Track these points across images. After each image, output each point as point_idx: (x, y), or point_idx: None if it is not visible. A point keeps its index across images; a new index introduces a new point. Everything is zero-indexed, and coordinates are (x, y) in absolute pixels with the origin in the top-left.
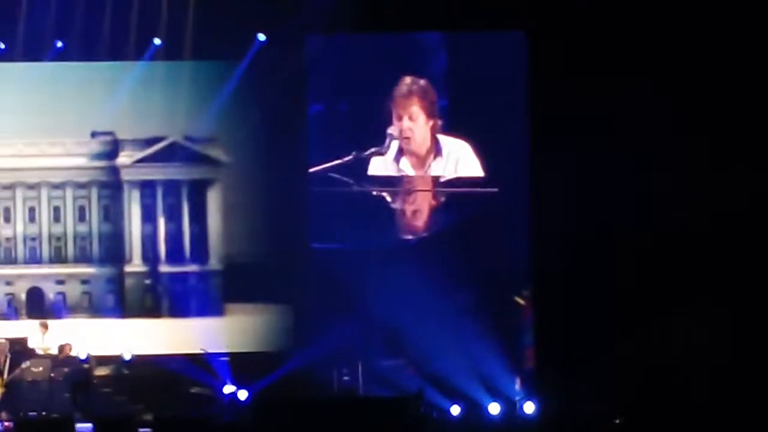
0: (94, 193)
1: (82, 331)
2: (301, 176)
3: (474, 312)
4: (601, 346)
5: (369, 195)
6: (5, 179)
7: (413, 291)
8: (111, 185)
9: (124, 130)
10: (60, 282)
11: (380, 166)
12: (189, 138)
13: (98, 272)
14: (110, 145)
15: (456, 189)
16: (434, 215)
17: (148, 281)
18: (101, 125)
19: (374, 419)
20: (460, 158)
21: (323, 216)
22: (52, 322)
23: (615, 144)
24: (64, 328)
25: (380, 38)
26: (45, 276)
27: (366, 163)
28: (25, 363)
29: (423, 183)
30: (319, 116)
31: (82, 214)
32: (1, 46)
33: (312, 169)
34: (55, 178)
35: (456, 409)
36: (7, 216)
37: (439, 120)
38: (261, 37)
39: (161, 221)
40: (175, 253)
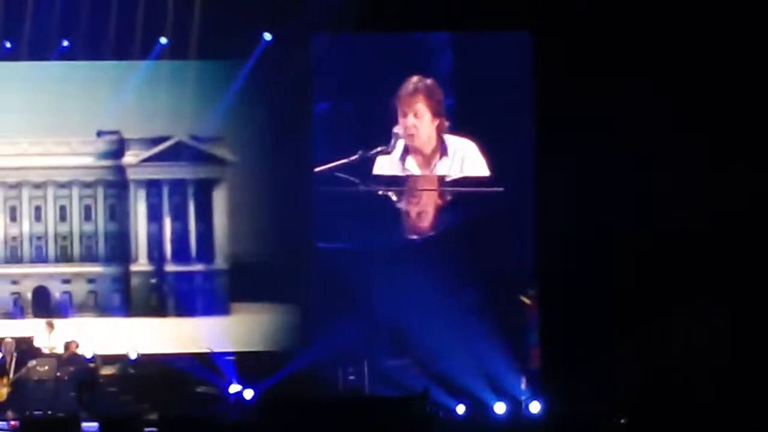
0: (100, 193)
1: (88, 330)
2: (307, 176)
3: (480, 311)
4: (607, 345)
5: (375, 194)
6: (11, 178)
7: (419, 290)
8: (117, 184)
9: (130, 130)
10: (66, 281)
11: (386, 165)
12: (195, 137)
13: (104, 271)
14: (116, 145)
15: (462, 188)
16: (440, 215)
17: (154, 280)
18: (107, 124)
19: (380, 419)
20: (465, 158)
21: (329, 215)
22: (58, 321)
23: (620, 144)
24: (70, 327)
25: (386, 38)
26: (51, 275)
27: (372, 162)
28: (31, 362)
29: (429, 182)
30: (324, 116)
31: (88, 213)
32: (8, 45)
33: (318, 168)
34: (61, 177)
35: (461, 409)
36: (13, 215)
37: (446, 121)
38: (267, 37)
39: (167, 220)
40: (181, 253)
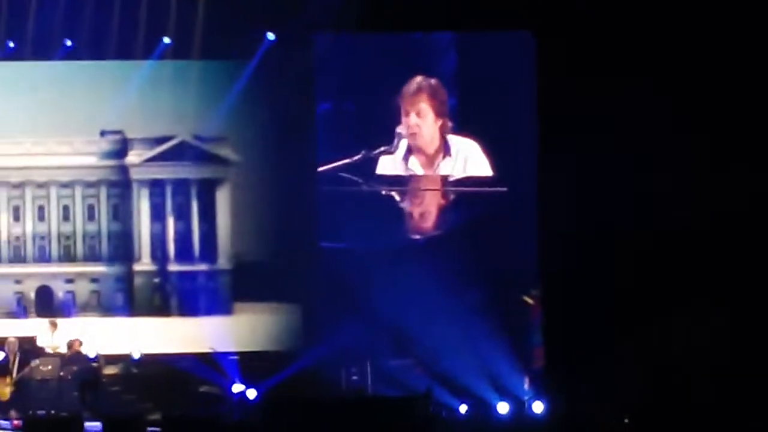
0: (103, 192)
1: (91, 330)
2: (310, 175)
3: (483, 311)
4: (610, 346)
5: (378, 194)
6: (14, 178)
7: (422, 290)
8: (120, 184)
9: (133, 129)
10: (69, 281)
11: (389, 165)
12: (198, 137)
13: (107, 271)
14: (119, 144)
15: (465, 188)
16: (443, 215)
17: (157, 280)
18: (110, 124)
19: (383, 419)
20: (468, 158)
21: (332, 215)
22: (61, 321)
23: (622, 144)
24: (73, 326)
25: (388, 38)
26: (54, 275)
27: (375, 162)
28: (35, 361)
29: (432, 182)
30: (327, 116)
31: (91, 213)
32: (11, 44)
33: (321, 168)
34: (65, 177)
35: (464, 409)
36: (16, 215)
37: (449, 122)
38: (270, 37)
39: (170, 220)
40: (184, 252)
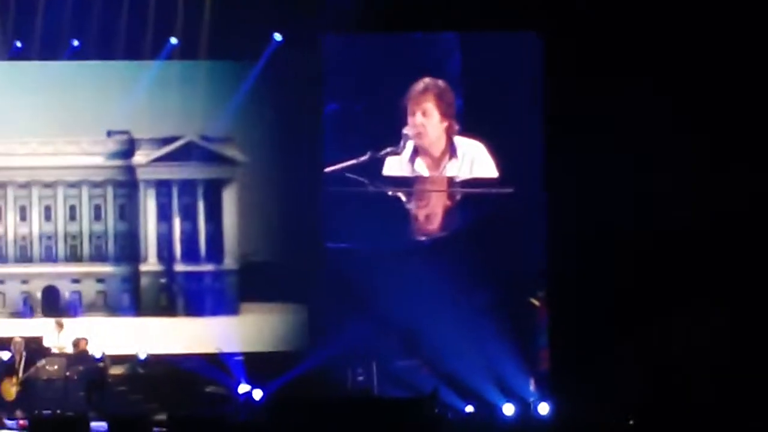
0: (110, 192)
1: (97, 330)
2: (317, 176)
3: (489, 313)
4: (616, 347)
5: (384, 195)
6: (21, 178)
7: (428, 291)
8: (127, 184)
9: (140, 129)
10: (75, 281)
11: (395, 166)
12: (205, 137)
13: (114, 271)
14: (126, 144)
15: (471, 189)
16: (449, 216)
17: (164, 280)
18: (117, 124)
19: (389, 419)
20: (475, 159)
21: (338, 216)
22: (67, 321)
23: (630, 144)
24: (80, 326)
25: (396, 38)
26: (61, 275)
27: (381, 163)
28: (41, 361)
29: (438, 183)
30: (334, 116)
31: (98, 213)
32: (18, 44)
33: (327, 168)
34: (71, 177)
35: (470, 410)
36: (23, 214)
37: (456, 124)
38: (277, 37)
39: (177, 220)
40: (191, 252)
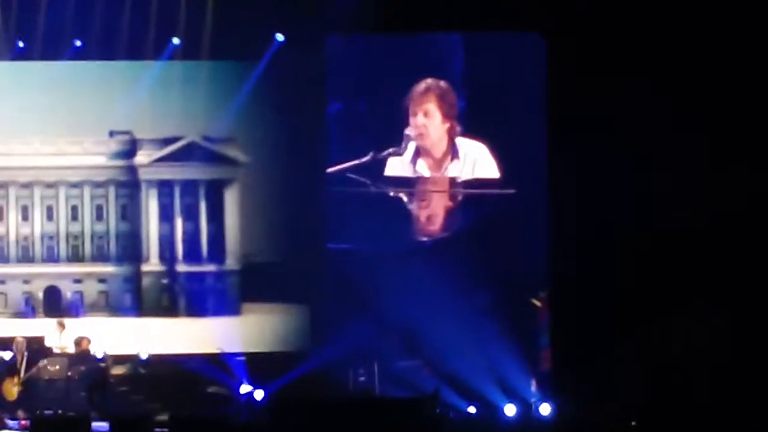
0: (112, 192)
1: (99, 330)
2: (319, 176)
3: (490, 313)
4: (618, 348)
5: (386, 196)
6: (23, 178)
7: (430, 292)
8: (129, 184)
9: (142, 130)
10: (77, 281)
11: (397, 166)
12: (207, 138)
13: (115, 271)
14: (128, 145)
15: (473, 190)
16: (451, 216)
17: (166, 280)
18: (119, 124)
19: (390, 420)
20: (477, 161)
21: (340, 216)
22: (69, 321)
23: (633, 145)
24: (81, 326)
25: (399, 39)
26: (62, 275)
27: (383, 163)
28: (42, 361)
29: (440, 184)
30: (337, 117)
31: (99, 213)
32: (20, 44)
33: (329, 169)
34: (73, 177)
35: (472, 410)
36: (25, 214)
37: (458, 125)
38: (280, 38)
39: (179, 221)
40: (193, 253)
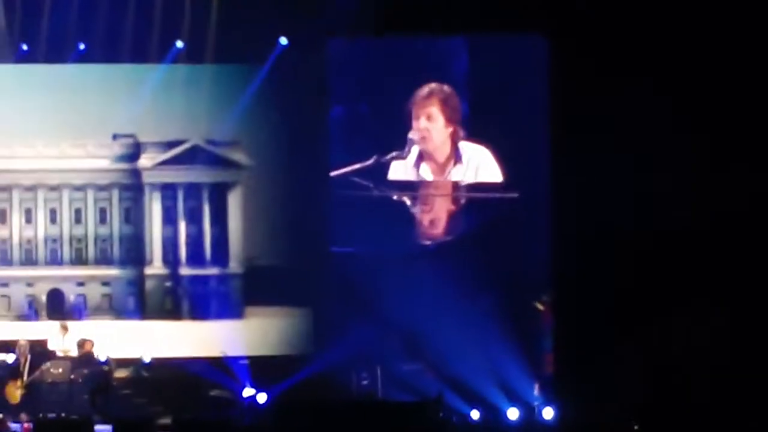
0: (115, 195)
1: (102, 333)
2: (322, 180)
3: (493, 317)
4: (620, 352)
5: (389, 199)
6: (27, 181)
7: (433, 295)
8: (132, 187)
9: (145, 133)
10: (80, 284)
11: (400, 170)
12: (210, 141)
13: (119, 274)
14: (132, 148)
15: (476, 194)
16: (454, 220)
17: (169, 284)
18: (123, 127)
19: (393, 423)
20: (480, 165)
21: (343, 220)
22: (72, 324)
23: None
24: (84, 329)
25: (401, 42)
26: (65, 278)
27: (386, 167)
28: (45, 364)
29: (443, 188)
30: (340, 120)
31: (103, 216)
32: (24, 47)
33: (333, 172)
34: (77, 180)
35: (475, 414)
36: (28, 217)
37: (461, 130)
38: (283, 41)
39: (182, 224)
40: (196, 256)
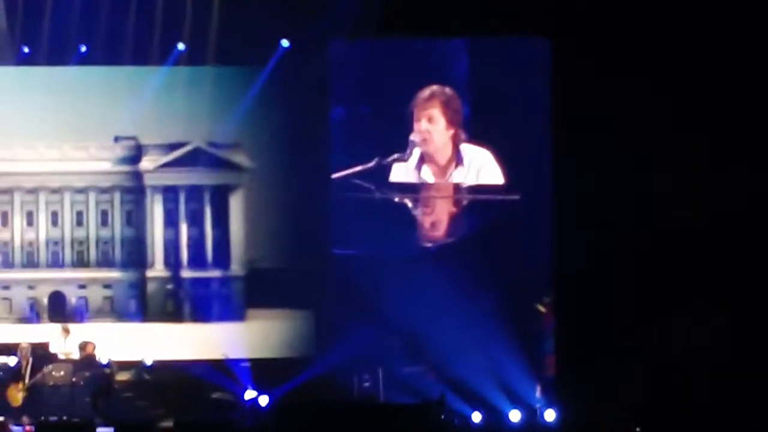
0: (117, 198)
1: (103, 336)
2: (324, 182)
3: (495, 319)
4: (623, 354)
5: (390, 201)
6: (28, 183)
7: (434, 297)
8: (134, 190)
9: (147, 135)
10: (82, 286)
11: (402, 172)
12: (212, 143)
13: (120, 277)
14: (133, 150)
15: (478, 196)
16: (455, 222)
17: (170, 286)
18: (125, 130)
19: (395, 426)
20: (481, 167)
21: (345, 222)
22: (73, 327)
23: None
24: (86, 332)
25: (403, 44)
26: (67, 280)
27: (388, 169)
28: (47, 367)
29: (444, 190)
30: (341, 122)
31: (104, 219)
32: (26, 50)
33: (334, 174)
34: (78, 183)
35: (477, 416)
36: (30, 220)
37: (462, 132)
38: (284, 43)
39: (184, 226)
40: (198, 258)
